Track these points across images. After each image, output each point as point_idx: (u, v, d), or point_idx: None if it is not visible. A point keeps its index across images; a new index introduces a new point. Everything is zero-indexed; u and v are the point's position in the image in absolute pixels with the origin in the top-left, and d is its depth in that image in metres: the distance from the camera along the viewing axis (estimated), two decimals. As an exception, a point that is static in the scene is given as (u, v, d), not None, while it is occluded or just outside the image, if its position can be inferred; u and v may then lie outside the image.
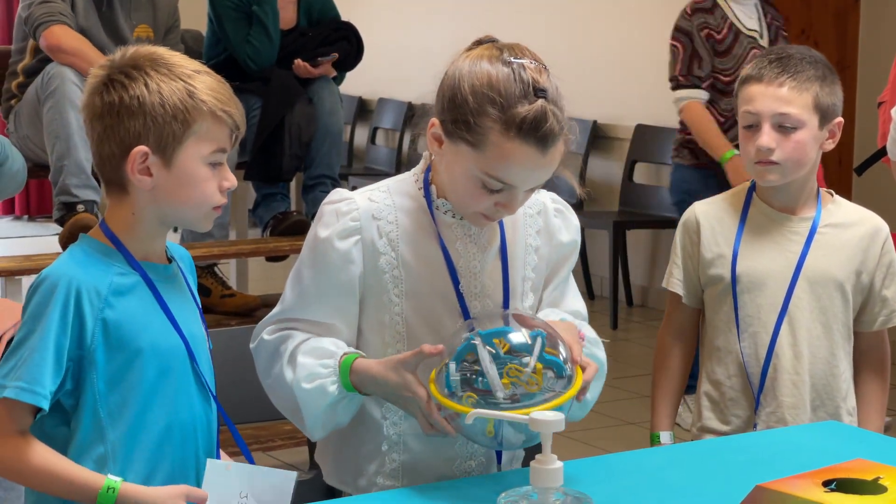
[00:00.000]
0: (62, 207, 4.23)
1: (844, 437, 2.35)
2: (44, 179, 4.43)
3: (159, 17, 4.66)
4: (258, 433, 3.86)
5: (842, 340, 2.61)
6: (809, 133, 2.55)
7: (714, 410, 2.62)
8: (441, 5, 8.29)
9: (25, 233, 8.94)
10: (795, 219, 2.62)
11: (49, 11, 4.34)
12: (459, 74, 2.02)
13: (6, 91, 4.61)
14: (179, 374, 2.00)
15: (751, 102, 2.56)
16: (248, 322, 4.40)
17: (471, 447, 2.13)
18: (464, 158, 2.03)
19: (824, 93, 2.55)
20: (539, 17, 7.45)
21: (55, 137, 4.21)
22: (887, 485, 1.82)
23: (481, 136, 1.99)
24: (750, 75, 2.58)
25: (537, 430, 1.69)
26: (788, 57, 2.55)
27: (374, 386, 2.03)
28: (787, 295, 2.57)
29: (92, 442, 1.94)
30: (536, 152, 1.99)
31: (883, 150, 3.91)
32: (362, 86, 8.36)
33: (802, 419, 2.56)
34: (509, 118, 1.97)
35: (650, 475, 2.09)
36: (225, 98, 1.97)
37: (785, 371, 2.56)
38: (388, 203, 2.14)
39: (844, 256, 2.61)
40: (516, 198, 2.05)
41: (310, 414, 2.06)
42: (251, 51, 4.83)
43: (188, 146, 1.94)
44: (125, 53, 1.98)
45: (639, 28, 6.70)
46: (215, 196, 1.98)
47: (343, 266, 2.10)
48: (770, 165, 2.55)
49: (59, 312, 1.89)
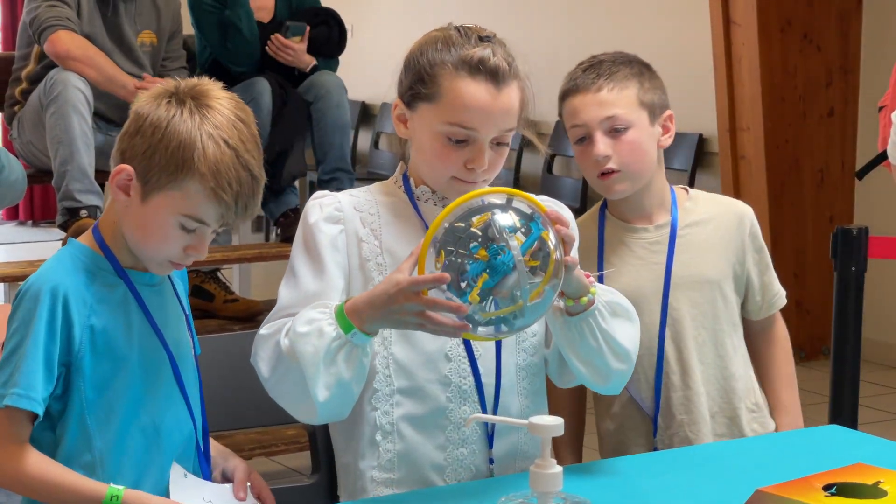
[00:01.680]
0: (65, 213, 4.23)
1: (845, 442, 2.34)
2: (47, 185, 4.44)
3: (163, 22, 4.67)
4: (261, 438, 3.87)
5: (729, 340, 2.53)
6: (641, 132, 2.45)
7: (615, 442, 2.53)
8: (444, 11, 8.28)
9: (29, 238, 8.94)
10: (652, 227, 2.52)
11: (55, 16, 4.34)
12: (412, 47, 2.17)
13: (10, 97, 4.62)
14: (164, 382, 1.99)
15: (576, 115, 2.46)
16: (250, 327, 4.40)
17: (462, 433, 2.14)
18: (426, 119, 2.13)
19: (645, 88, 2.46)
20: (542, 25, 7.46)
21: (58, 143, 4.22)
22: (888, 489, 1.82)
23: (435, 85, 2.11)
24: (567, 89, 2.48)
25: (536, 434, 1.69)
26: (600, 62, 2.47)
27: (369, 308, 1.95)
28: (663, 309, 2.48)
29: (80, 449, 1.94)
30: (490, 88, 2.09)
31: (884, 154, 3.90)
32: (365, 91, 8.36)
33: (703, 434, 2.49)
34: (458, 60, 2.10)
35: (650, 479, 2.10)
36: (227, 182, 1.89)
37: (677, 388, 2.48)
38: (369, 198, 2.20)
39: (713, 253, 2.52)
40: (483, 150, 2.10)
41: (308, 361, 1.97)
42: (230, 56, 4.81)
43: (167, 196, 1.90)
44: (197, 82, 1.94)
45: (639, 31, 6.70)
46: (174, 254, 1.94)
47: (332, 250, 2.13)
48: (613, 175, 2.45)
49: (46, 319, 1.88)
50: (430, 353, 2.14)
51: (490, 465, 2.16)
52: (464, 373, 2.14)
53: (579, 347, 2.09)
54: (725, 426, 2.53)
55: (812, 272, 5.73)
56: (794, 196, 6.04)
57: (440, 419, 2.14)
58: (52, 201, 6.57)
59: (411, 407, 2.14)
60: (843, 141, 6.13)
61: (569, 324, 2.07)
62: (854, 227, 3.48)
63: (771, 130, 6.00)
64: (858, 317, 3.49)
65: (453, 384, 2.14)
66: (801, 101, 6.06)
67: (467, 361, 2.14)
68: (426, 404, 2.14)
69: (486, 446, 2.16)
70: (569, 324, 2.07)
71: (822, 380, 3.62)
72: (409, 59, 2.17)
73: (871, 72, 6.03)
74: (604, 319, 2.09)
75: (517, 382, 2.18)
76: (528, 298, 1.88)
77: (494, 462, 2.16)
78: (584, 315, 2.06)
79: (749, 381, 2.58)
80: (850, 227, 3.46)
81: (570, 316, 2.07)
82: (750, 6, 5.93)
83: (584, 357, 2.10)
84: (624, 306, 2.14)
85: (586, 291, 2.06)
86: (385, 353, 2.13)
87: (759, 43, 5.93)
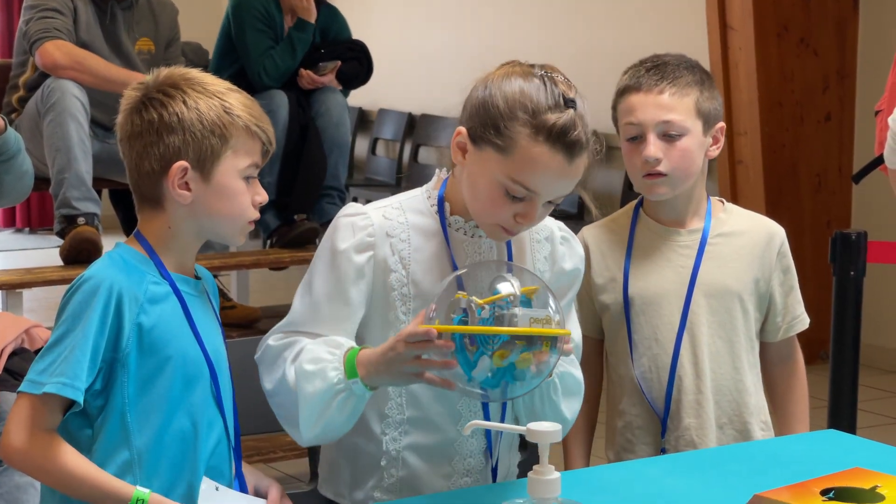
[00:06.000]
0: (63, 220, 4.24)
1: (843, 446, 2.34)
2: (45, 192, 4.44)
3: (160, 30, 4.68)
4: (259, 445, 3.86)
5: (745, 353, 2.54)
6: (694, 140, 2.47)
7: (623, 440, 2.54)
8: (442, 16, 8.30)
9: (27, 245, 8.95)
10: (684, 232, 2.55)
11: (44, 28, 4.35)
12: (491, 84, 2.07)
13: (7, 105, 4.62)
14: (202, 386, 2.02)
15: (632, 113, 2.47)
16: (249, 334, 4.41)
17: (467, 463, 2.15)
18: (490, 164, 2.06)
19: (704, 97, 2.48)
20: (540, 29, 7.46)
21: (56, 150, 4.22)
22: (885, 493, 1.82)
23: (510, 140, 2.03)
24: (628, 85, 2.49)
25: (534, 440, 1.70)
26: (665, 64, 2.48)
27: (376, 360, 1.98)
28: (683, 312, 2.50)
29: (117, 446, 1.96)
30: (563, 160, 2.03)
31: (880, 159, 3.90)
32: (363, 97, 8.35)
33: (709, 439, 2.50)
34: (539, 123, 2.02)
35: (648, 485, 2.09)
36: (258, 115, 2.03)
37: (689, 392, 2.49)
38: (402, 221, 2.15)
39: (739, 266, 2.54)
40: (536, 209, 2.07)
41: (305, 400, 1.99)
42: (269, 64, 4.87)
43: (225, 160, 2.00)
44: (159, 74, 2.03)
45: (642, 36, 6.71)
46: (249, 210, 2.04)
47: (356, 279, 2.10)
48: (658, 178, 2.47)
49: (99, 313, 1.92)
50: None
51: None
52: (475, 407, 2.15)
53: (527, 401, 2.13)
54: (734, 438, 2.54)
55: (810, 276, 5.71)
56: (791, 200, 6.04)
57: (447, 449, 2.15)
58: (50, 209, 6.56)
59: (419, 437, 2.14)
60: (841, 145, 6.13)
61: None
62: (853, 231, 3.47)
63: (768, 135, 6.01)
64: (857, 321, 3.48)
65: (464, 418, 2.14)
66: (799, 105, 6.06)
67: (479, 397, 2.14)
68: (435, 436, 2.14)
69: (490, 477, 2.17)
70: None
71: (820, 384, 3.62)
72: (487, 100, 2.06)
73: (868, 76, 6.03)
74: (555, 392, 2.12)
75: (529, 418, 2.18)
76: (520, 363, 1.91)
77: None
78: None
79: (760, 399, 2.59)
80: (849, 232, 3.46)
81: None
82: (747, 11, 5.93)
83: (528, 410, 2.15)
84: (577, 380, 2.16)
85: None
86: None
87: (756, 48, 5.93)
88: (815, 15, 6.04)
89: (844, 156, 6.12)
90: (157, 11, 4.68)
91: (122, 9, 4.56)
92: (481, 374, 1.91)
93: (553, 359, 1.92)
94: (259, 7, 4.91)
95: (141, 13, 4.63)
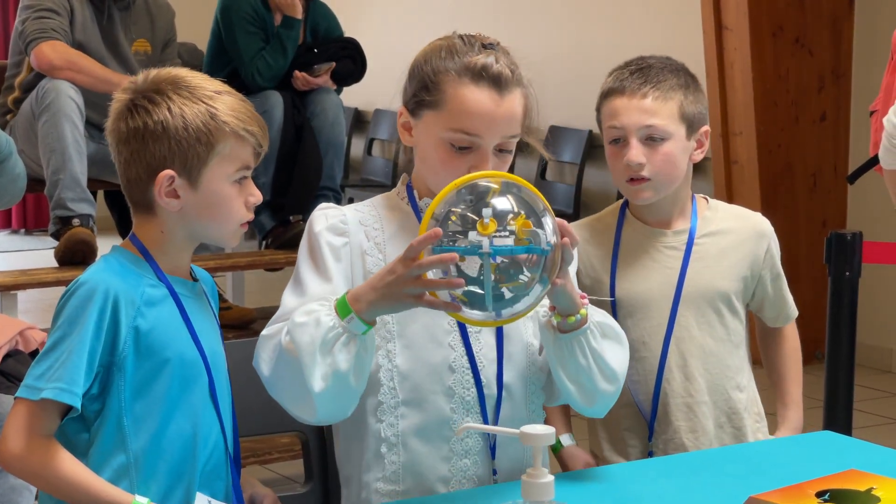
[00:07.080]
0: (58, 221, 4.23)
1: (838, 448, 2.34)
2: (40, 193, 4.44)
3: (157, 31, 4.68)
4: (255, 446, 3.86)
5: (735, 349, 2.54)
6: (677, 144, 2.46)
7: (610, 441, 2.54)
8: (438, 17, 8.29)
9: (22, 247, 8.95)
10: (670, 233, 2.53)
11: (39, 28, 4.34)
12: (416, 55, 2.20)
13: (2, 105, 4.61)
14: (199, 388, 2.01)
15: (615, 117, 2.45)
16: (244, 335, 4.40)
17: (465, 444, 2.14)
18: (430, 127, 2.14)
19: (688, 101, 2.46)
20: (535, 30, 7.46)
21: (50, 151, 4.21)
22: (881, 495, 1.82)
23: (440, 93, 2.13)
24: (612, 88, 2.47)
25: (528, 443, 1.69)
26: (649, 67, 2.46)
27: (369, 290, 1.96)
28: (671, 316, 2.49)
29: (114, 450, 1.95)
30: (492, 95, 2.10)
31: (875, 159, 3.91)
32: (358, 97, 8.35)
33: (704, 441, 2.49)
34: (461, 66, 2.12)
35: (643, 487, 2.09)
36: (246, 117, 2.00)
37: (676, 395, 2.49)
38: (373, 213, 2.20)
39: (727, 265, 2.53)
40: (487, 157, 2.11)
41: (304, 351, 1.96)
42: (262, 65, 4.86)
43: (213, 167, 1.98)
44: (147, 76, 2.01)
45: (637, 37, 6.71)
46: (241, 213, 2.02)
47: (336, 260, 2.13)
48: (642, 182, 2.45)
49: (96, 317, 1.91)
50: (434, 365, 2.14)
51: (494, 476, 2.16)
52: (467, 384, 2.14)
53: (569, 365, 2.09)
54: (733, 436, 2.54)
55: (805, 277, 5.73)
56: (786, 200, 6.05)
57: (444, 430, 2.14)
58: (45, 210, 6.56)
59: (416, 418, 2.14)
60: (836, 145, 6.14)
61: (560, 341, 2.07)
62: (848, 231, 3.47)
63: (763, 135, 6.01)
64: (853, 322, 3.48)
65: (457, 395, 2.14)
66: (794, 105, 6.06)
67: (471, 373, 2.14)
68: (430, 415, 2.14)
69: (489, 457, 2.17)
70: (560, 341, 2.07)
71: (816, 384, 3.62)
72: (414, 68, 2.19)
73: (863, 76, 6.04)
74: (595, 339, 2.09)
75: (520, 394, 2.18)
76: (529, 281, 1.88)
77: (498, 473, 2.16)
78: (575, 333, 2.07)
79: (752, 391, 2.59)
80: (845, 233, 3.46)
81: (562, 333, 2.07)
82: (742, 11, 5.93)
83: (573, 376, 2.10)
84: (614, 329, 2.14)
85: (577, 310, 2.05)
86: (389, 365, 2.13)
87: (752, 48, 5.93)
88: (810, 15, 6.04)
89: (840, 156, 6.13)
90: (154, 13, 4.67)
91: (120, 9, 4.56)
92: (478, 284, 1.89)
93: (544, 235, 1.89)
94: (247, 8, 4.89)
95: (138, 14, 4.62)
